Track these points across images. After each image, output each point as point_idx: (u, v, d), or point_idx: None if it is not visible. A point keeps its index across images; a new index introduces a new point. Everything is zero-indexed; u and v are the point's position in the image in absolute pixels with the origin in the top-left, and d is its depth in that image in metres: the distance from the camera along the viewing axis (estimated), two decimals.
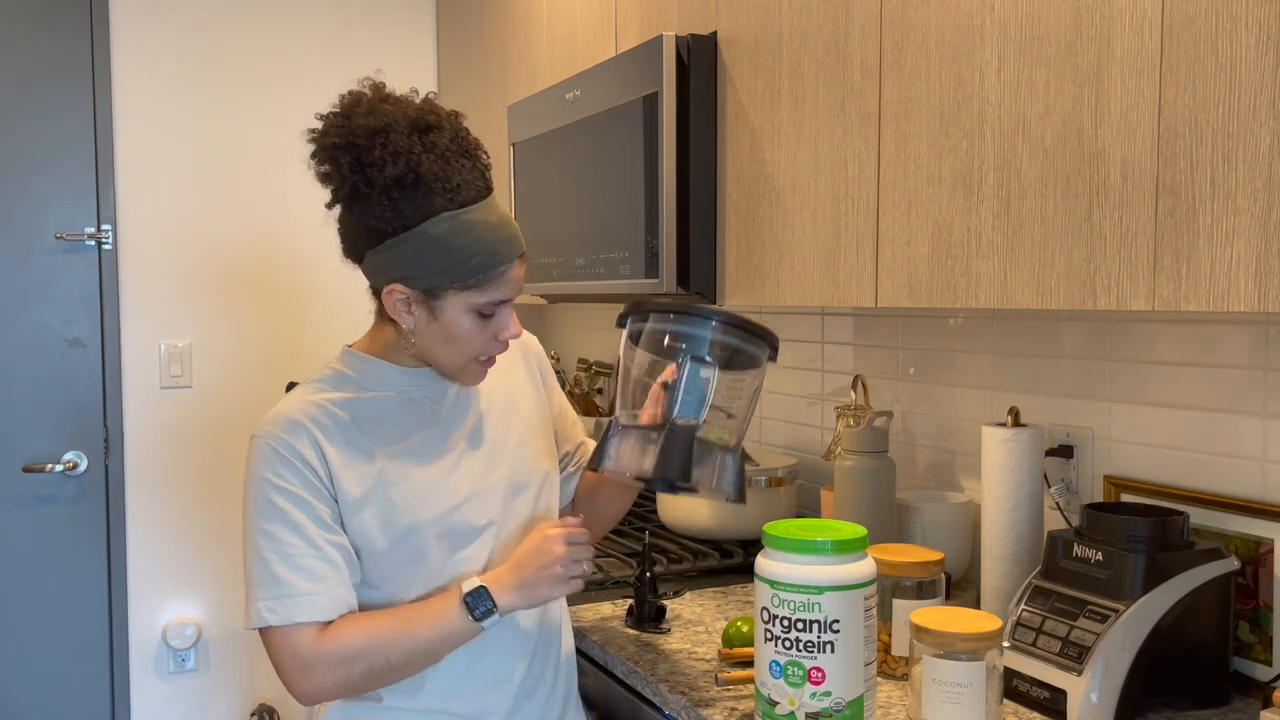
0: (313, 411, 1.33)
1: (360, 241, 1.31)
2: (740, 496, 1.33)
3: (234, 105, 3.00)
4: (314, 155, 1.32)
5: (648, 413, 1.36)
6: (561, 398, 1.60)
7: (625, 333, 1.41)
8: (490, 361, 1.38)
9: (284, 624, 1.26)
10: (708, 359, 1.32)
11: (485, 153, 1.34)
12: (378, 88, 1.34)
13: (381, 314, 1.37)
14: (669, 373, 1.35)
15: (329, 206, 1.34)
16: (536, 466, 1.46)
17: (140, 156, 2.90)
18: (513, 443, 1.44)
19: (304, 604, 1.26)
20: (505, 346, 1.37)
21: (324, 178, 1.32)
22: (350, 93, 1.33)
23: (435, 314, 1.31)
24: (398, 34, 3.19)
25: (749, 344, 1.34)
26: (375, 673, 1.28)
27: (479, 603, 1.29)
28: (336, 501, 1.32)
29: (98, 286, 2.86)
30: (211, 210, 2.99)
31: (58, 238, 2.81)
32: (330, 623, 1.28)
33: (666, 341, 1.36)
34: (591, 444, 1.63)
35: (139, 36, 2.89)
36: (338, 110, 1.31)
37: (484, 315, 1.32)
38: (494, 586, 1.30)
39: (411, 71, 3.21)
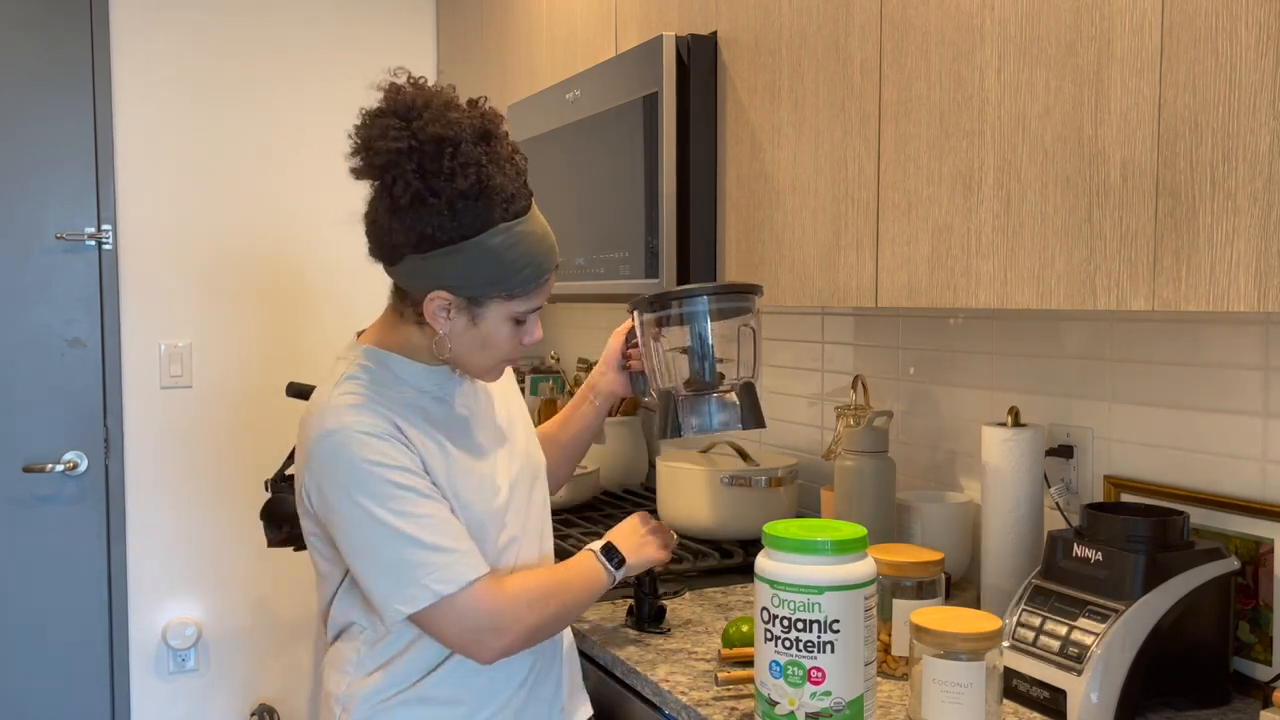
0: (378, 402, 1.31)
1: (404, 246, 1.27)
2: (759, 421, 1.50)
3: (234, 105, 3.00)
4: (367, 155, 1.27)
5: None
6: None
7: (641, 321, 1.50)
8: (512, 362, 1.40)
9: (460, 588, 1.26)
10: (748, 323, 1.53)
11: (523, 156, 1.34)
12: (419, 85, 1.30)
13: (399, 312, 1.36)
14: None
15: (379, 205, 1.29)
16: (539, 456, 1.52)
17: (140, 156, 2.90)
18: (521, 436, 1.49)
19: (469, 561, 1.28)
20: (527, 349, 1.39)
21: (378, 178, 1.28)
22: (393, 86, 1.29)
23: (476, 321, 1.31)
24: (398, 34, 3.19)
25: (741, 300, 1.50)
26: (557, 616, 1.34)
27: (612, 556, 1.43)
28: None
29: (98, 286, 2.86)
30: (212, 210, 2.99)
31: (58, 238, 2.81)
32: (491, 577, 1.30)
33: (683, 321, 1.49)
34: None
35: (139, 37, 2.89)
36: (387, 109, 1.27)
37: (519, 322, 1.34)
38: (615, 541, 1.45)
39: (412, 72, 3.20)
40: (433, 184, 1.24)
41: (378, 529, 1.25)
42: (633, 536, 1.49)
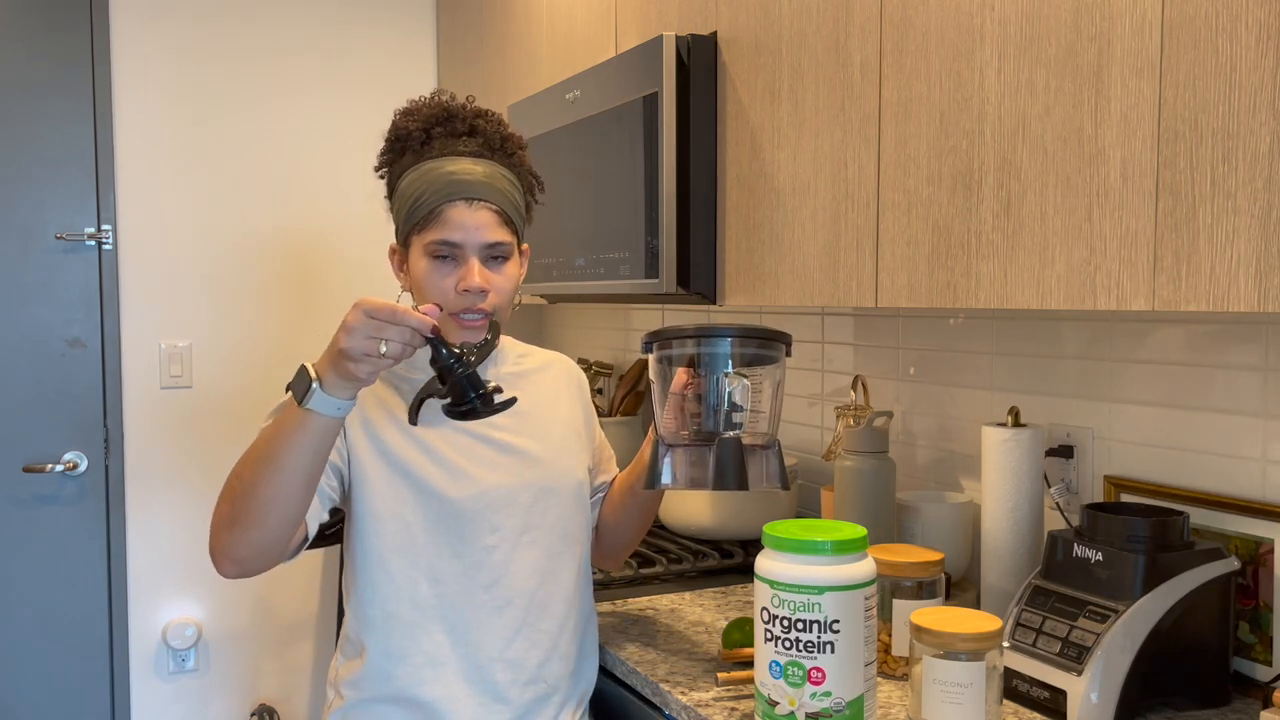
0: (383, 378, 1.44)
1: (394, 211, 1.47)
2: (786, 485, 1.40)
3: (234, 105, 3.00)
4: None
5: (671, 420, 1.39)
6: (601, 433, 1.65)
7: (653, 357, 1.44)
8: (475, 322, 1.37)
9: None
10: (734, 371, 1.39)
11: (513, 139, 1.48)
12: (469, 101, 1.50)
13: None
14: (688, 383, 1.39)
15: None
16: (571, 474, 1.48)
17: (140, 157, 2.90)
18: (554, 446, 1.48)
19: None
20: (471, 299, 1.36)
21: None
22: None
23: (408, 266, 1.42)
24: (398, 35, 3.19)
25: (765, 348, 1.40)
26: (234, 496, 1.20)
27: (299, 382, 1.18)
28: (349, 448, 1.38)
29: (98, 286, 2.86)
30: (212, 210, 2.99)
31: (58, 238, 2.81)
32: None
33: (691, 361, 1.41)
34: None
35: (139, 37, 2.89)
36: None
37: (437, 257, 1.37)
38: (317, 364, 1.19)
39: (411, 73, 3.21)
40: (389, 145, 1.46)
41: None
42: (334, 343, 1.16)
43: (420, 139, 1.42)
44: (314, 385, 1.16)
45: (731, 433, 1.36)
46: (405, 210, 1.40)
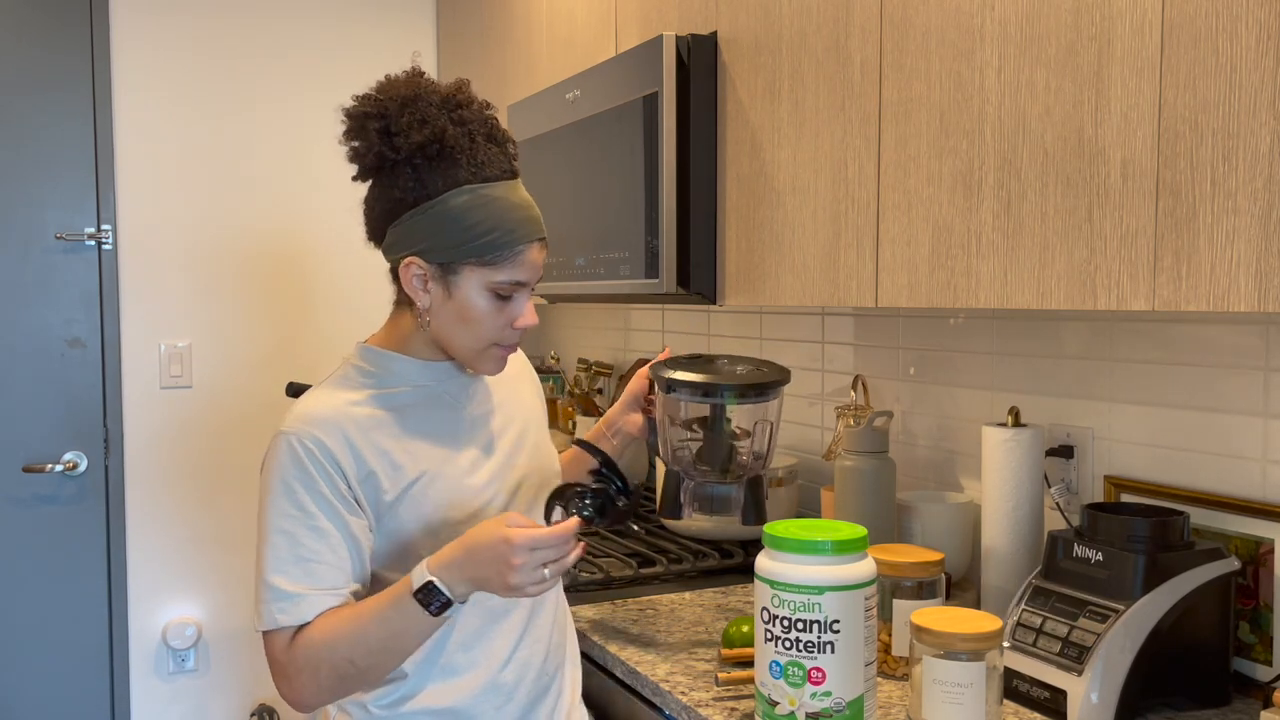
0: (344, 410, 1.30)
1: (382, 216, 1.31)
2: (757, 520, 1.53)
3: (234, 105, 3.00)
4: (346, 130, 1.32)
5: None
6: None
7: (660, 390, 1.51)
8: (510, 349, 1.36)
9: (268, 629, 1.25)
10: (746, 425, 1.51)
11: (514, 143, 1.36)
12: (415, 70, 1.34)
13: (400, 301, 1.37)
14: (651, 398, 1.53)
15: (356, 179, 1.35)
16: (552, 467, 1.48)
17: (140, 156, 2.90)
18: (531, 442, 1.45)
19: (284, 607, 1.24)
20: (520, 335, 1.35)
21: (353, 152, 1.32)
22: (387, 76, 1.34)
23: (450, 291, 1.30)
24: (398, 35, 3.19)
25: (767, 394, 1.49)
26: (344, 676, 1.23)
27: (432, 599, 1.20)
28: (366, 505, 1.29)
29: (98, 286, 2.86)
30: (212, 210, 2.99)
31: (58, 238, 2.81)
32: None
33: (698, 405, 1.50)
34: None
35: (139, 37, 2.89)
36: (371, 90, 1.33)
37: (500, 296, 1.30)
38: (446, 578, 1.20)
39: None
40: (393, 141, 1.27)
41: (269, 539, 1.26)
42: (480, 565, 1.20)
43: (466, 147, 1.28)
44: (455, 604, 1.22)
45: (680, 465, 1.50)
46: (464, 237, 1.27)
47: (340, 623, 1.23)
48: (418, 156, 1.27)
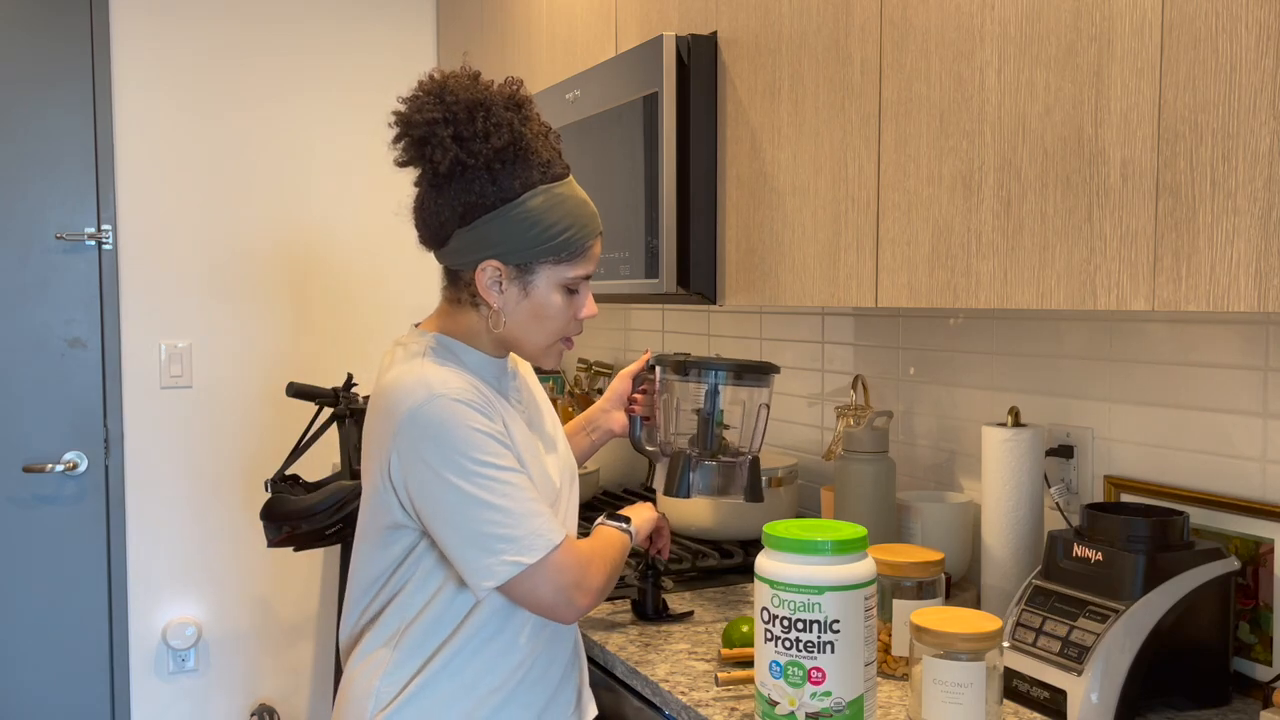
0: (471, 380, 1.32)
1: (451, 221, 1.31)
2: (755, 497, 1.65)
3: (234, 105, 3.00)
4: (405, 134, 1.30)
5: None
6: None
7: (663, 378, 1.64)
8: (570, 343, 1.40)
9: (544, 554, 1.26)
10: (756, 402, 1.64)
11: (556, 133, 1.39)
12: (468, 71, 1.34)
13: (456, 300, 1.37)
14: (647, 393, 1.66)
15: (419, 185, 1.34)
16: (574, 461, 1.55)
17: (140, 156, 2.90)
18: (563, 439, 1.51)
19: (550, 526, 1.28)
20: (582, 327, 1.40)
21: (418, 158, 1.31)
22: (430, 76, 1.33)
23: (527, 290, 1.33)
24: (398, 35, 3.19)
25: (760, 383, 1.62)
26: (610, 576, 1.35)
27: (618, 519, 1.45)
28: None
29: (98, 286, 2.86)
30: (212, 210, 2.99)
31: (58, 238, 2.81)
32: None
33: (694, 396, 1.62)
34: None
35: (139, 36, 2.89)
36: (420, 90, 1.31)
37: (570, 291, 1.35)
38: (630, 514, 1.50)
39: (412, 72, 3.21)
40: (470, 147, 1.28)
41: (466, 502, 1.25)
42: (646, 525, 1.54)
43: (536, 148, 1.32)
44: (633, 530, 1.47)
45: (683, 447, 1.62)
46: (543, 237, 1.30)
47: (585, 542, 1.35)
48: (495, 162, 1.29)
